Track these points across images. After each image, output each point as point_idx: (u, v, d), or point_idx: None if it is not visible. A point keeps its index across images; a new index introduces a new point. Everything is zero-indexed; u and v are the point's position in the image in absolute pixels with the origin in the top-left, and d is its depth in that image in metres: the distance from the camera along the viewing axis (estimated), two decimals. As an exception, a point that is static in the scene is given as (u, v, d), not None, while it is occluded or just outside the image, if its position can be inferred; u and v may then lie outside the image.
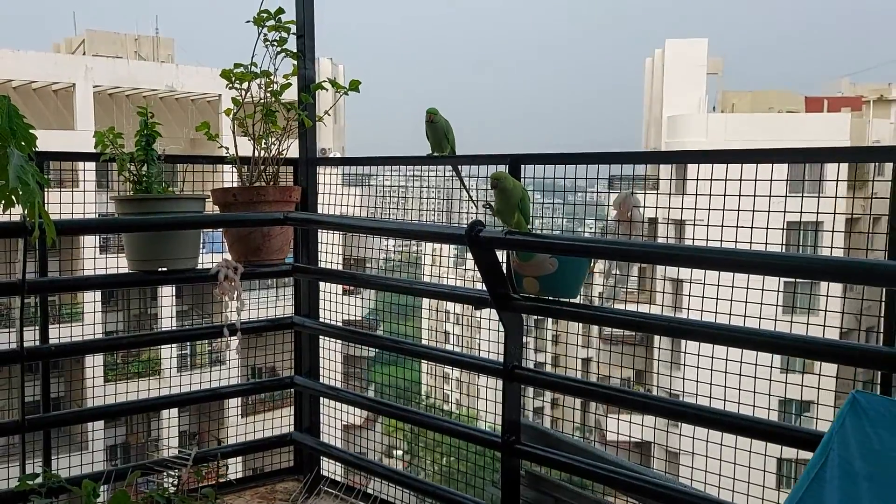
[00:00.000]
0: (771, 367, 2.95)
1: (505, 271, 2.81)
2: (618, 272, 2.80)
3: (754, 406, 2.79)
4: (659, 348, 3.67)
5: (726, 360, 2.88)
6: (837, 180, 2.73)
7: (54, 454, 3.60)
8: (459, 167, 3.33)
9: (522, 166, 3.04)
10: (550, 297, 2.76)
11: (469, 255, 2.79)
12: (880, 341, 2.33)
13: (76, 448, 5.71)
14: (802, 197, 2.67)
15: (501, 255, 2.84)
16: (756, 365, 2.87)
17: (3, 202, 2.50)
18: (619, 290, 2.86)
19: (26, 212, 2.45)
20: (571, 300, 2.78)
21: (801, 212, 2.66)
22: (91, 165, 3.89)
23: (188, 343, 18.60)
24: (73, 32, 29.33)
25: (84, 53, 25.83)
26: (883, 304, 2.31)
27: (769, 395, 2.89)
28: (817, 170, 2.89)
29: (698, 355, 2.93)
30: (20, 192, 2.39)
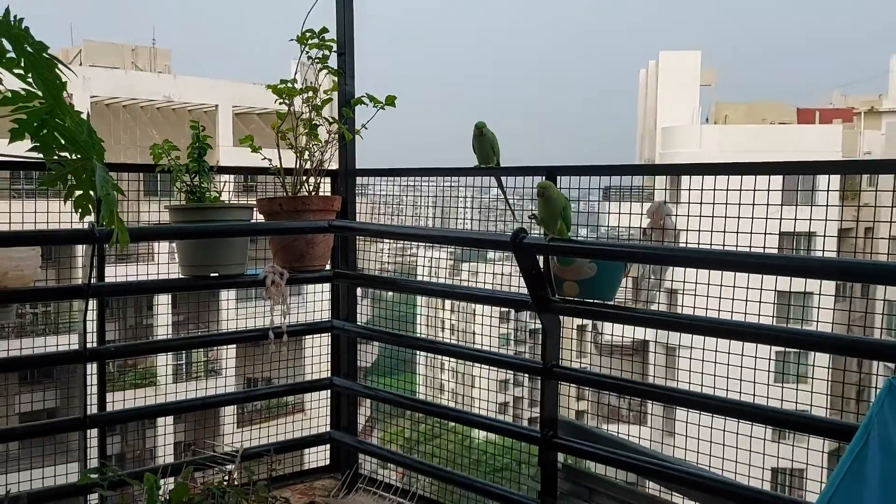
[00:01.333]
0: (769, 376, 3.10)
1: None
2: (652, 277, 2.98)
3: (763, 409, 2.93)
4: (656, 359, 3.86)
5: (727, 375, 3.06)
6: (828, 190, 2.87)
7: (51, 462, 3.75)
8: (501, 178, 3.51)
9: (559, 177, 3.24)
10: (589, 300, 2.95)
11: (465, 263, 2.97)
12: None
13: (73, 457, 5.80)
14: (796, 206, 2.85)
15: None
16: (754, 379, 3.01)
17: (80, 210, 2.70)
18: (654, 293, 3.04)
19: (104, 220, 2.62)
20: (608, 302, 2.97)
21: (794, 219, 2.83)
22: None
23: (183, 353, 18.72)
24: (70, 43, 29.45)
25: (81, 64, 25.90)
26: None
27: (768, 396, 3.03)
28: (810, 180, 3.05)
29: (702, 367, 3.10)
30: (102, 201, 2.58)
